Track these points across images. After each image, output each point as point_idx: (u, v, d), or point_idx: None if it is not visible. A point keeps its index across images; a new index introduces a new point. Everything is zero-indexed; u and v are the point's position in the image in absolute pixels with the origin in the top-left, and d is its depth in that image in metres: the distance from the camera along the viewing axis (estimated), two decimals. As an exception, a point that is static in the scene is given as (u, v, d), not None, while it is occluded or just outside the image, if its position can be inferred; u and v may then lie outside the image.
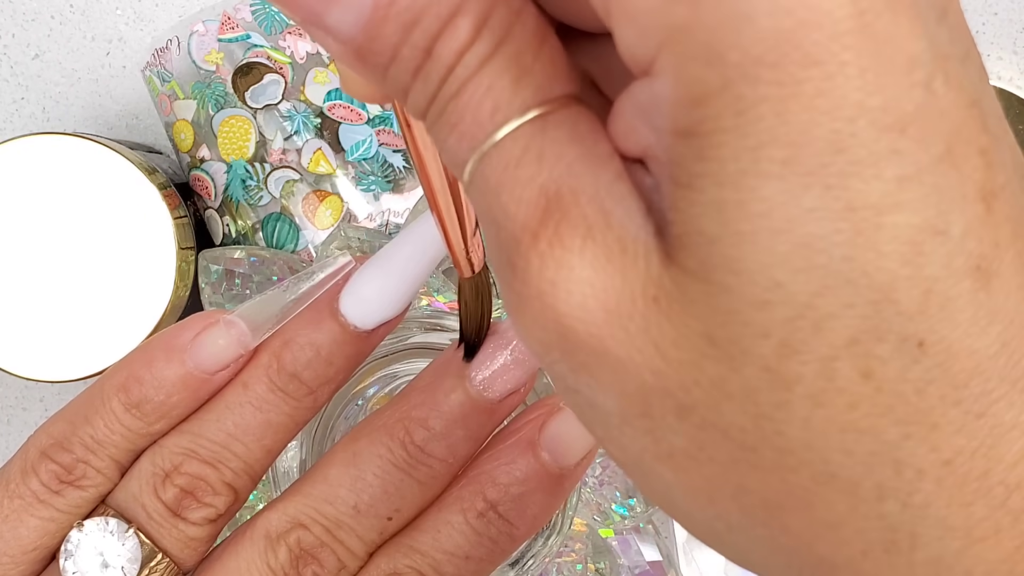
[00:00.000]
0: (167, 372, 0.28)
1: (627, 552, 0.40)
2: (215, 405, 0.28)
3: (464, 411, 0.28)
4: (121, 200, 0.40)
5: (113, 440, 0.28)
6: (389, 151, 0.43)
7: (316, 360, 0.28)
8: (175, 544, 0.28)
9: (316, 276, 0.29)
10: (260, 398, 0.28)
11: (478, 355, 0.28)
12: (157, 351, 0.28)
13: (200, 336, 0.28)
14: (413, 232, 0.28)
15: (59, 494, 0.28)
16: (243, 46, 0.43)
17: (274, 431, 0.28)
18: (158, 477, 0.27)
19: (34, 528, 0.27)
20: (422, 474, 0.28)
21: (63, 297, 0.40)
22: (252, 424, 0.28)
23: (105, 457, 0.28)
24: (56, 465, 0.28)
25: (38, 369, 0.40)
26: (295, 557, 0.27)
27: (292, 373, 0.28)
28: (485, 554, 0.28)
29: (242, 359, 0.28)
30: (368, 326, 0.28)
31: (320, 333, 0.28)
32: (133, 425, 0.28)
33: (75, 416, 0.28)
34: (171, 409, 0.28)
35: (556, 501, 0.29)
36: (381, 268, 0.28)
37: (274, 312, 0.28)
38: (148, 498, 0.27)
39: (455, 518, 0.28)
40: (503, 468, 0.28)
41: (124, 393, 0.28)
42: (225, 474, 0.28)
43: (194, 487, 0.27)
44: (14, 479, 0.28)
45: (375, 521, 0.28)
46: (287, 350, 0.28)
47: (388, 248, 0.28)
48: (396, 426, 0.28)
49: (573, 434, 0.28)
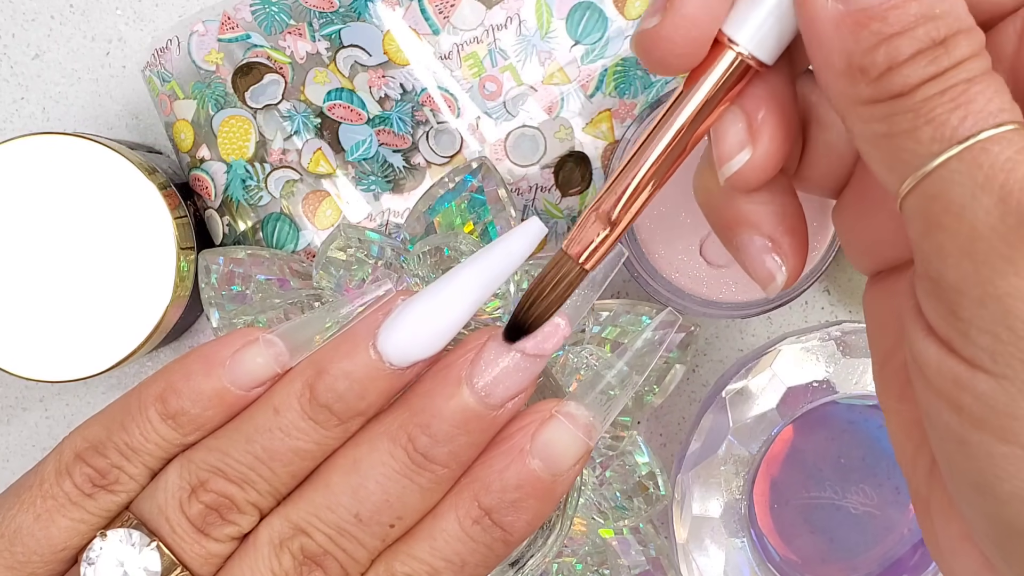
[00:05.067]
0: (204, 386, 0.28)
1: (627, 552, 0.40)
2: (244, 425, 0.28)
3: (466, 416, 0.28)
4: (121, 200, 0.40)
5: (147, 448, 0.28)
6: (389, 151, 0.43)
7: (349, 393, 0.28)
8: (196, 559, 0.28)
9: (356, 302, 0.29)
10: (291, 425, 0.28)
11: (479, 360, 0.28)
12: (195, 364, 0.28)
13: (239, 353, 0.28)
14: (458, 275, 0.28)
15: (91, 497, 0.28)
16: (243, 46, 0.43)
17: (301, 458, 0.28)
18: (184, 492, 0.28)
19: (64, 528, 0.28)
20: (424, 480, 0.28)
21: (63, 297, 0.40)
22: (281, 450, 0.28)
23: (139, 464, 0.28)
24: (91, 468, 0.28)
25: (38, 369, 0.40)
26: (299, 564, 0.27)
27: (324, 404, 0.28)
28: (480, 560, 0.28)
29: (277, 377, 0.29)
30: (403, 364, 0.28)
31: (355, 365, 0.28)
32: (168, 435, 0.28)
33: (111, 422, 0.29)
34: (206, 422, 0.28)
35: (549, 506, 0.29)
36: (423, 308, 0.28)
37: (312, 334, 0.29)
38: (173, 512, 0.28)
39: (451, 525, 0.28)
40: (496, 475, 0.28)
41: (161, 403, 0.28)
42: (250, 495, 0.28)
43: (219, 504, 0.28)
44: (48, 479, 0.28)
45: (378, 528, 0.28)
46: (320, 380, 0.28)
47: (432, 288, 0.28)
48: (398, 433, 0.28)
49: (564, 441, 0.28)
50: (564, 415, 0.28)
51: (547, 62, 0.43)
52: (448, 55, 0.43)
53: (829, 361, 0.41)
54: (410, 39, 0.43)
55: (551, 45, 0.43)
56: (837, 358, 0.41)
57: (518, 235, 0.28)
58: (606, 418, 0.29)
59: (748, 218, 0.27)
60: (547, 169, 0.43)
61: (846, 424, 0.43)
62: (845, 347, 0.41)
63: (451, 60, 0.43)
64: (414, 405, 0.28)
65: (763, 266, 0.27)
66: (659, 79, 0.43)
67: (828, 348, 0.41)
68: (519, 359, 0.28)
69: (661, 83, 0.43)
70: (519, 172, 0.43)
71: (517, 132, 0.43)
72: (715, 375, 0.47)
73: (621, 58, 0.43)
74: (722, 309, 0.41)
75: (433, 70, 0.43)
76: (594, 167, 0.43)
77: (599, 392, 0.29)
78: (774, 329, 0.48)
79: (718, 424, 0.41)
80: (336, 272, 0.38)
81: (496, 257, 0.28)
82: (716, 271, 0.42)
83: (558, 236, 0.44)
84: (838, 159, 0.27)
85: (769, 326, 0.48)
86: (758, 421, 0.41)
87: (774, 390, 0.41)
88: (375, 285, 0.29)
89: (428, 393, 0.28)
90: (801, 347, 0.41)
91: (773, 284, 0.27)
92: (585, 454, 0.29)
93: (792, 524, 0.44)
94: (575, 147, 0.43)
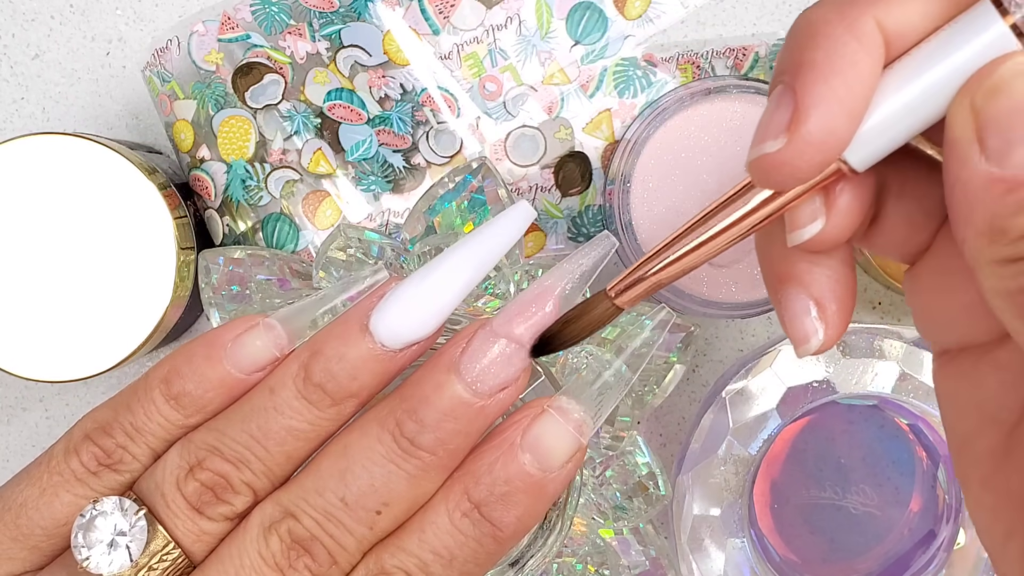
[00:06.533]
0: (206, 369, 0.29)
1: (627, 552, 0.40)
2: (242, 406, 0.29)
3: (454, 404, 0.28)
4: (121, 200, 0.40)
5: (151, 428, 0.29)
6: (389, 151, 0.43)
7: (341, 373, 0.28)
8: (188, 536, 0.28)
9: (352, 288, 0.30)
10: (284, 404, 0.28)
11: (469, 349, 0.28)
12: (199, 348, 0.29)
13: (240, 337, 0.29)
14: (448, 258, 0.28)
15: (96, 475, 0.29)
16: (243, 46, 0.43)
17: (295, 437, 0.28)
18: (182, 470, 0.28)
19: (68, 503, 0.29)
20: (411, 467, 0.28)
21: (63, 297, 0.40)
22: (274, 429, 0.28)
23: (142, 444, 0.29)
24: (97, 448, 0.29)
25: (38, 369, 0.40)
26: (287, 547, 0.28)
27: (317, 383, 0.28)
28: (470, 555, 0.28)
29: (277, 361, 0.29)
30: (396, 346, 0.28)
31: (348, 347, 0.28)
32: (171, 416, 0.29)
33: (119, 404, 0.29)
34: (207, 404, 0.29)
35: (540, 504, 0.29)
36: (414, 291, 0.28)
37: (310, 319, 0.30)
38: (169, 489, 0.28)
39: (440, 518, 0.28)
40: (486, 468, 0.28)
41: (165, 385, 0.29)
42: (245, 474, 0.28)
43: (214, 483, 0.28)
44: (56, 457, 0.29)
45: (363, 514, 0.28)
46: (315, 361, 0.28)
47: (423, 271, 0.29)
48: (387, 418, 0.28)
49: (554, 436, 0.28)
50: (556, 409, 0.29)
51: (547, 62, 0.43)
52: (448, 55, 0.43)
53: (829, 361, 0.41)
54: (410, 39, 0.43)
55: (551, 45, 0.43)
56: (837, 358, 0.41)
57: (507, 217, 0.29)
58: (599, 415, 0.29)
59: (801, 277, 0.27)
60: (547, 169, 0.43)
61: (846, 424, 0.43)
62: (845, 347, 0.41)
63: (451, 60, 0.43)
64: (404, 393, 0.28)
65: (802, 326, 0.27)
66: (659, 79, 0.43)
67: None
68: (508, 348, 0.28)
69: (661, 83, 0.43)
70: (519, 172, 0.43)
71: (517, 132, 0.43)
72: (715, 375, 0.47)
73: (621, 58, 0.43)
74: (722, 309, 0.41)
75: (433, 70, 0.43)
76: (594, 167, 0.43)
77: (593, 389, 0.29)
78: (774, 329, 0.48)
79: (718, 424, 0.41)
80: (336, 272, 0.38)
81: (485, 238, 0.29)
82: (716, 271, 0.42)
83: (558, 235, 0.44)
84: (915, 230, 0.27)
85: (769, 326, 0.48)
86: (758, 421, 0.41)
87: (774, 390, 0.41)
88: (369, 272, 0.30)
89: (418, 381, 0.28)
90: (801, 347, 0.41)
91: (806, 346, 0.27)
92: (577, 451, 0.29)
93: (792, 524, 0.43)
94: (575, 147, 0.43)
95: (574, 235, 0.44)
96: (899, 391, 0.41)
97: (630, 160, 0.41)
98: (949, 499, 0.43)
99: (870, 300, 0.48)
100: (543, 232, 0.44)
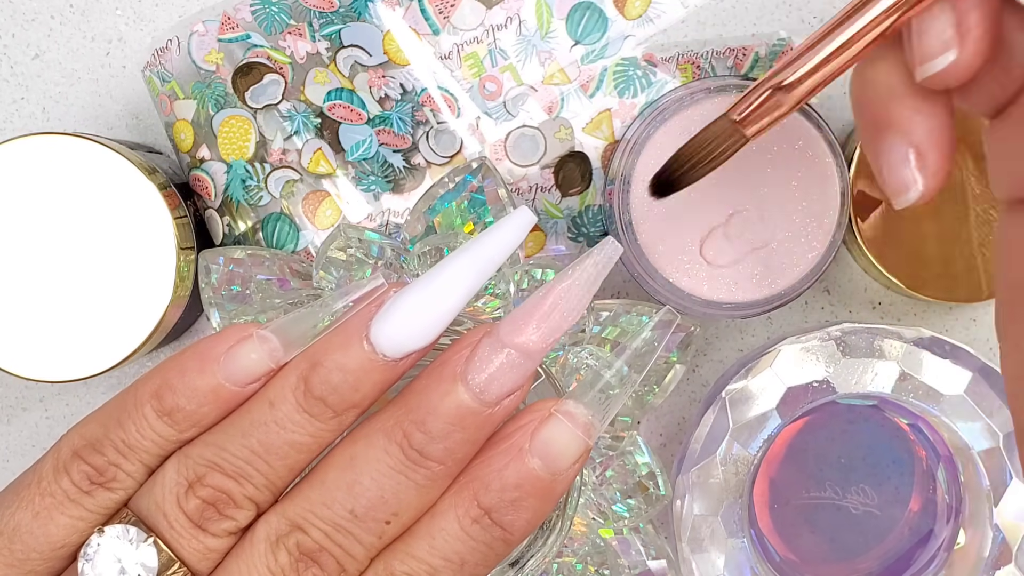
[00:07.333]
0: (199, 382, 0.28)
1: (627, 552, 0.40)
2: (240, 419, 0.28)
3: (461, 413, 0.28)
4: (121, 200, 0.40)
5: (144, 445, 0.28)
6: (389, 151, 0.43)
7: (343, 385, 0.28)
8: (193, 554, 0.28)
9: (349, 296, 0.29)
10: (286, 418, 0.28)
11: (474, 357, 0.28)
12: (190, 360, 0.28)
13: (234, 349, 0.28)
14: (448, 266, 0.28)
15: (89, 494, 0.28)
16: (243, 46, 0.43)
17: (297, 451, 0.28)
18: (181, 487, 0.28)
19: (63, 526, 0.28)
20: (420, 477, 0.28)
21: (63, 297, 0.40)
22: (276, 443, 0.28)
23: (136, 461, 0.28)
24: (88, 466, 0.28)
25: (38, 369, 0.40)
26: (295, 560, 0.27)
27: (319, 396, 0.28)
28: (480, 559, 0.28)
29: (272, 372, 0.29)
30: (396, 356, 0.28)
31: (348, 358, 0.28)
32: (164, 432, 0.28)
33: (108, 419, 0.29)
34: (202, 419, 0.28)
35: (549, 505, 0.29)
36: (414, 300, 0.28)
37: (307, 329, 0.29)
38: (170, 507, 0.28)
39: (450, 525, 0.28)
40: (495, 474, 0.28)
41: (157, 400, 0.28)
42: (247, 489, 0.28)
43: (216, 499, 0.28)
44: (46, 477, 0.28)
45: (373, 525, 0.28)
46: (315, 373, 0.28)
47: (423, 279, 0.28)
48: (393, 429, 0.28)
49: (563, 440, 0.28)
50: (563, 414, 0.28)
51: (547, 62, 0.43)
52: (448, 55, 0.43)
53: (829, 361, 0.41)
54: (410, 39, 0.43)
55: (551, 45, 0.43)
56: (837, 358, 0.41)
57: (508, 224, 0.29)
58: (605, 417, 0.29)
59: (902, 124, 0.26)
60: (547, 169, 0.43)
61: (846, 424, 0.43)
62: (845, 347, 0.41)
63: (451, 60, 0.43)
64: (410, 402, 0.28)
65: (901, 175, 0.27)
66: (659, 79, 0.43)
67: (828, 348, 0.41)
68: (514, 356, 0.28)
69: (661, 83, 0.43)
70: (519, 172, 0.43)
71: (517, 132, 0.43)
72: (715, 375, 0.47)
73: (621, 58, 0.43)
74: (722, 309, 0.41)
75: (433, 70, 0.43)
76: (594, 167, 0.43)
77: (598, 391, 0.29)
78: (774, 329, 0.48)
79: (718, 424, 0.41)
80: (336, 272, 0.38)
81: (486, 246, 0.28)
82: (716, 271, 0.42)
83: (558, 235, 0.44)
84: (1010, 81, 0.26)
85: (769, 326, 0.48)
86: (758, 421, 0.41)
87: (774, 390, 0.41)
88: (366, 280, 0.29)
89: (423, 390, 0.28)
90: (801, 347, 0.41)
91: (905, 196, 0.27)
92: (584, 453, 0.29)
93: (792, 524, 0.44)
94: (575, 147, 0.43)
95: (574, 235, 0.44)
96: (899, 391, 0.41)
97: (630, 160, 0.41)
98: (949, 499, 0.43)
99: (870, 300, 0.48)
100: (543, 232, 0.44)
